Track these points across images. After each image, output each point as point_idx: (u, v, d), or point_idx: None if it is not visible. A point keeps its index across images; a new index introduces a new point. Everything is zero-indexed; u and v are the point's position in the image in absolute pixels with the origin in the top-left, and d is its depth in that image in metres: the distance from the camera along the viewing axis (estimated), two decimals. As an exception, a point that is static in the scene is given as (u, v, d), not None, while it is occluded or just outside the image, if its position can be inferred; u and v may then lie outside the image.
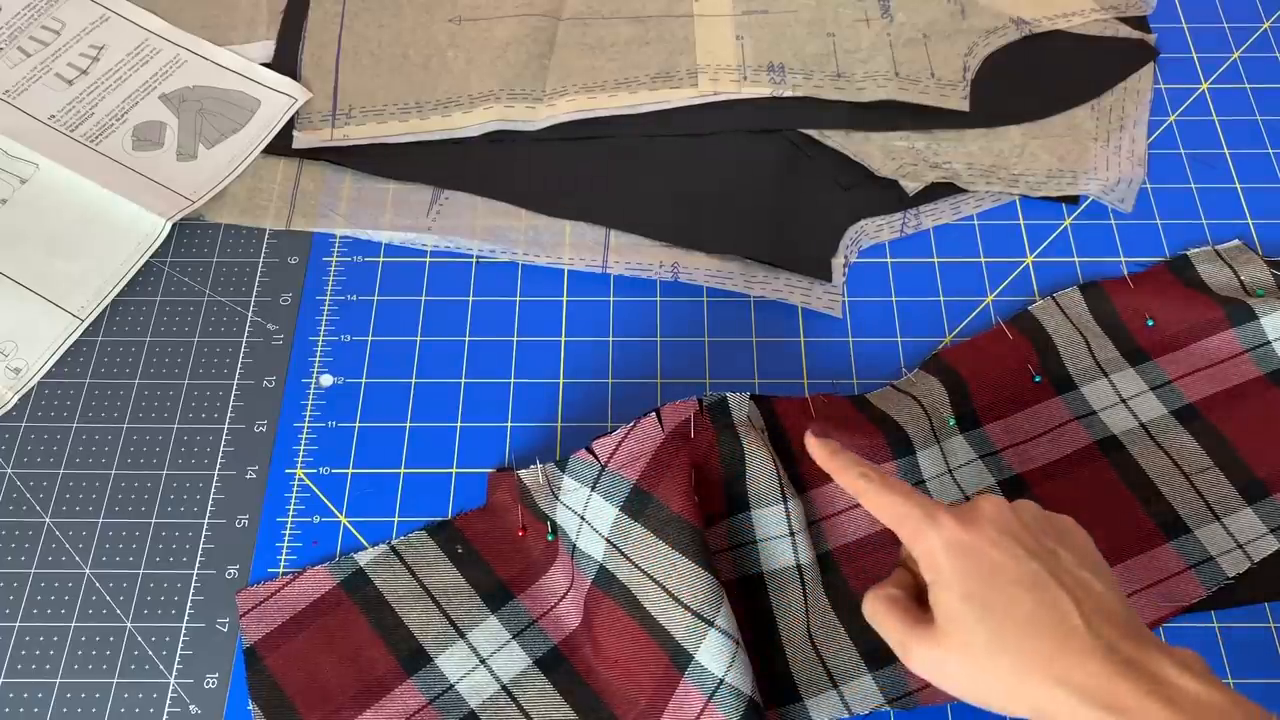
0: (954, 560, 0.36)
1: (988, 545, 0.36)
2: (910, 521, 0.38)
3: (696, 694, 0.41)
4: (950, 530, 0.37)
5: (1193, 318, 0.53)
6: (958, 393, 0.51)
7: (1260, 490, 0.49)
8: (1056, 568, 0.36)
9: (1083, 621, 0.34)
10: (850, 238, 0.56)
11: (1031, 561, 0.36)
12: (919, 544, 0.37)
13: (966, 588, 0.35)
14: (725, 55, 0.62)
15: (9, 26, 0.64)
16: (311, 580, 0.47)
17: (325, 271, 0.56)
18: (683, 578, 0.42)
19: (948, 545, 0.36)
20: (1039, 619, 0.35)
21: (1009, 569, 0.35)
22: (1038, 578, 0.35)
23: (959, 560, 0.36)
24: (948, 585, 0.36)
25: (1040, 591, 0.35)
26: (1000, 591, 0.35)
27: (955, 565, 0.36)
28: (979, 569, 0.36)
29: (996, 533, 0.36)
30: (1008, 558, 0.36)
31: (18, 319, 0.53)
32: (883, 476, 0.40)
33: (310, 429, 0.51)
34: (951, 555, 0.36)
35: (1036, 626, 0.34)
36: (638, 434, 0.45)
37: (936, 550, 0.37)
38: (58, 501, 0.50)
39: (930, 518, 0.37)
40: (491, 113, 0.60)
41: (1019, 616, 0.35)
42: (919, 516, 0.37)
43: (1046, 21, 0.64)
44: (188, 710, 0.45)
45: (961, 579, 0.36)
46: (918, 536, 0.37)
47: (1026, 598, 0.35)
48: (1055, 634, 0.34)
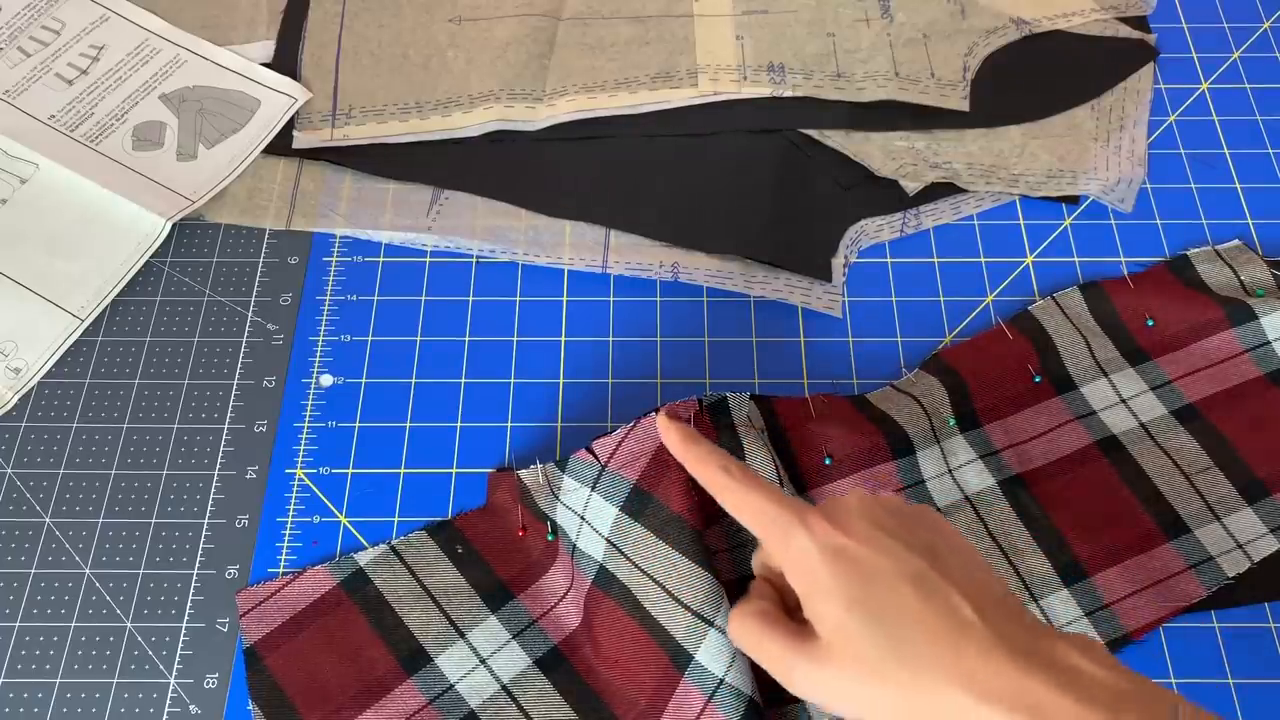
0: (830, 564, 0.33)
1: (865, 546, 0.33)
2: (777, 525, 0.34)
3: (697, 694, 0.41)
4: (823, 533, 0.33)
5: (1193, 318, 0.53)
6: (958, 393, 0.51)
7: (1260, 490, 0.49)
8: (937, 561, 0.33)
9: (976, 615, 0.31)
10: (850, 238, 0.56)
11: (912, 556, 0.33)
12: (788, 548, 0.34)
13: (849, 594, 0.32)
14: (725, 55, 0.62)
15: (9, 26, 0.64)
16: (311, 580, 0.47)
17: (325, 271, 0.56)
18: (683, 578, 0.42)
19: (821, 548, 0.33)
20: (931, 619, 0.31)
21: (890, 568, 0.32)
22: (922, 574, 0.32)
23: (835, 564, 0.33)
24: (828, 593, 0.32)
25: (927, 588, 0.32)
26: (885, 594, 0.32)
27: (832, 570, 0.33)
28: (859, 572, 0.32)
29: (870, 529, 0.33)
30: (886, 556, 0.33)
31: (18, 319, 0.53)
32: (744, 471, 0.37)
33: (310, 429, 0.51)
34: (827, 559, 0.33)
35: (929, 628, 0.31)
36: (638, 434, 0.45)
37: (809, 554, 0.33)
38: (58, 501, 0.50)
39: (800, 520, 0.34)
40: (491, 113, 0.60)
41: (909, 619, 0.31)
42: (787, 519, 0.34)
43: (1046, 21, 0.64)
44: (188, 710, 0.45)
45: (842, 585, 0.32)
46: (786, 540, 0.34)
47: (914, 597, 0.32)
48: (951, 634, 0.31)
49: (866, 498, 0.35)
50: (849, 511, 0.34)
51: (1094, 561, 0.47)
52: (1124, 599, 0.46)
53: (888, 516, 0.34)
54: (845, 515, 0.34)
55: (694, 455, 0.38)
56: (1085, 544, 0.47)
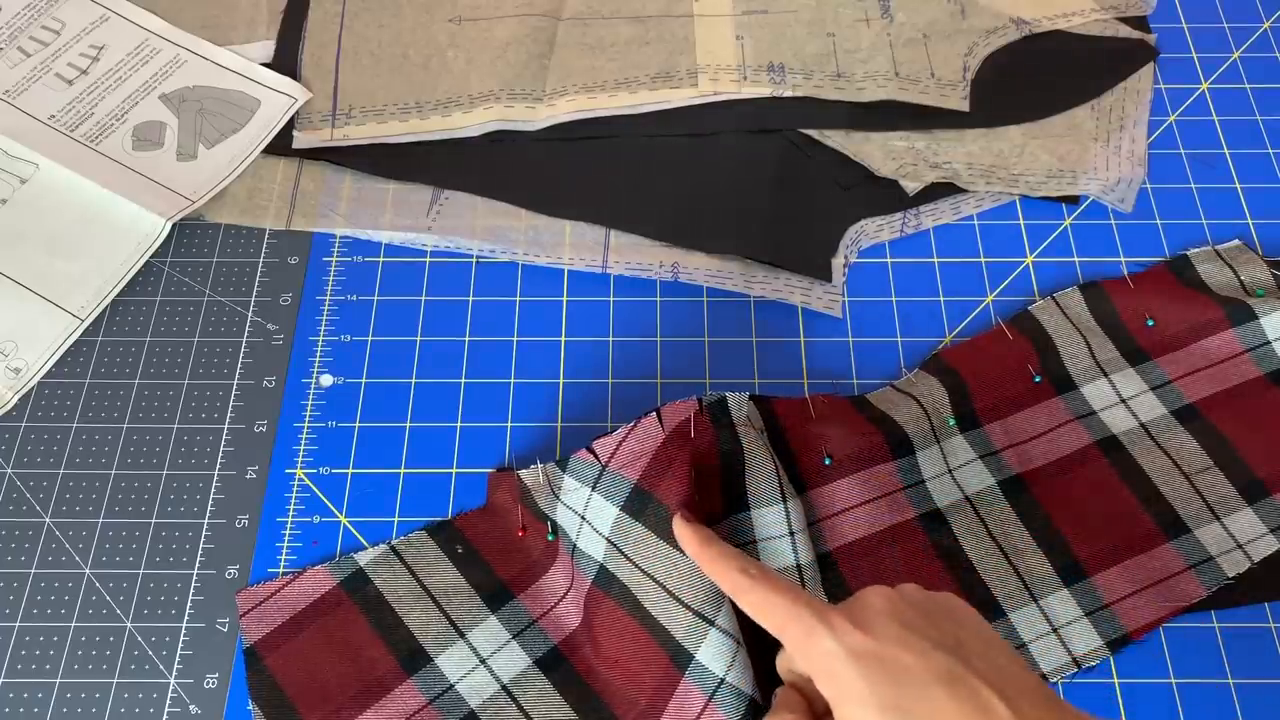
0: (860, 669, 0.32)
1: (892, 646, 0.33)
2: (799, 626, 0.34)
3: (697, 693, 0.41)
4: (848, 635, 0.33)
5: (1193, 318, 0.53)
6: (958, 393, 0.51)
7: (1260, 490, 0.49)
8: (965, 655, 0.33)
9: (1008, 709, 0.31)
10: (850, 238, 0.56)
11: (939, 654, 0.33)
12: (812, 652, 0.34)
13: (880, 700, 0.32)
14: (725, 55, 0.62)
15: (9, 26, 0.64)
16: (311, 580, 0.47)
17: (325, 271, 0.56)
18: (683, 577, 0.42)
19: (850, 653, 0.33)
20: (963, 717, 0.31)
21: (919, 669, 0.32)
22: (951, 672, 0.32)
23: (865, 669, 0.32)
24: (859, 700, 0.32)
25: (958, 687, 0.32)
26: (917, 697, 0.32)
27: (861, 675, 0.32)
28: (887, 676, 0.32)
29: (896, 629, 0.33)
30: (915, 656, 0.32)
31: (18, 319, 0.53)
32: (764, 572, 0.37)
33: (310, 429, 0.51)
34: (855, 664, 0.33)
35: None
36: (638, 434, 0.45)
37: (836, 659, 0.33)
38: (58, 501, 0.50)
39: (824, 622, 0.34)
40: (491, 113, 0.60)
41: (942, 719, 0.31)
42: (810, 622, 0.34)
43: (1046, 21, 0.64)
44: (188, 710, 0.45)
45: (873, 690, 0.32)
46: (810, 643, 0.34)
47: (946, 699, 0.32)
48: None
49: (890, 595, 0.35)
50: (873, 610, 0.34)
51: (1094, 561, 0.47)
52: (1124, 599, 0.46)
53: (912, 613, 0.34)
54: (869, 615, 0.34)
55: (711, 557, 0.39)
56: (1085, 544, 0.47)
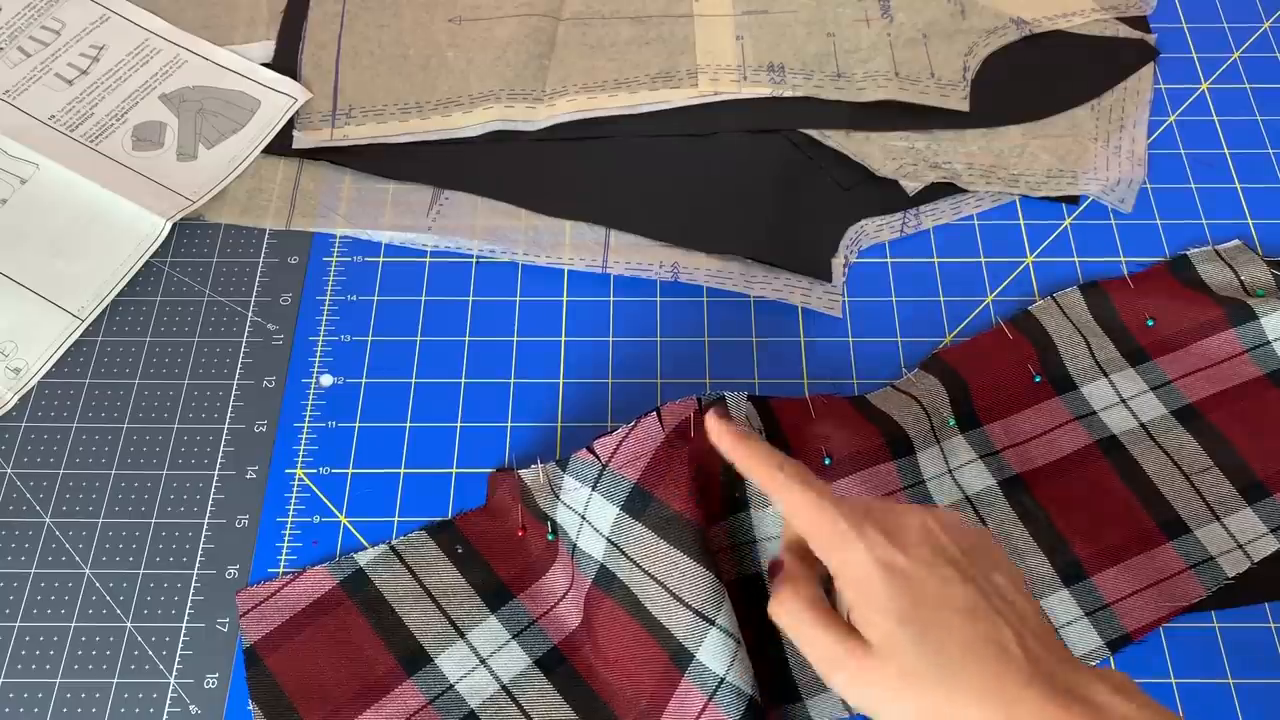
0: (885, 580, 0.34)
1: (921, 568, 0.34)
2: (835, 532, 0.35)
3: (697, 693, 0.41)
4: (881, 548, 0.34)
5: (1193, 318, 0.53)
6: (958, 393, 0.51)
7: (1260, 490, 0.49)
8: (990, 592, 0.34)
9: (1020, 649, 0.33)
10: (850, 238, 0.56)
11: (966, 586, 0.34)
12: (844, 558, 0.35)
13: (902, 611, 0.33)
14: (725, 55, 0.62)
15: (9, 26, 0.64)
16: (311, 580, 0.47)
17: (325, 271, 0.56)
18: (684, 576, 0.42)
19: (878, 564, 0.34)
20: (976, 647, 0.33)
21: (943, 593, 0.34)
22: (974, 604, 0.34)
23: (890, 580, 0.34)
24: (881, 607, 0.34)
25: (977, 618, 0.33)
26: (936, 618, 0.33)
27: (887, 586, 0.34)
28: (913, 592, 0.34)
29: (929, 553, 0.34)
30: (942, 582, 0.34)
31: (18, 319, 0.53)
32: (799, 471, 0.37)
33: (310, 429, 0.51)
34: (883, 575, 0.34)
35: (974, 655, 0.33)
36: (638, 433, 0.45)
37: (865, 566, 0.34)
38: (58, 501, 0.50)
39: (858, 530, 0.35)
40: (491, 113, 0.60)
41: (956, 645, 0.33)
42: (844, 528, 0.35)
43: (1046, 21, 0.64)
44: (188, 710, 0.45)
45: (896, 601, 0.33)
46: (842, 548, 0.35)
47: (963, 625, 0.33)
48: (993, 663, 0.32)
49: (928, 519, 0.36)
50: (910, 530, 0.35)
51: (1094, 561, 0.47)
52: (1124, 599, 0.46)
53: (947, 540, 0.35)
54: (905, 533, 0.35)
55: (747, 451, 0.38)
56: (1085, 544, 0.47)
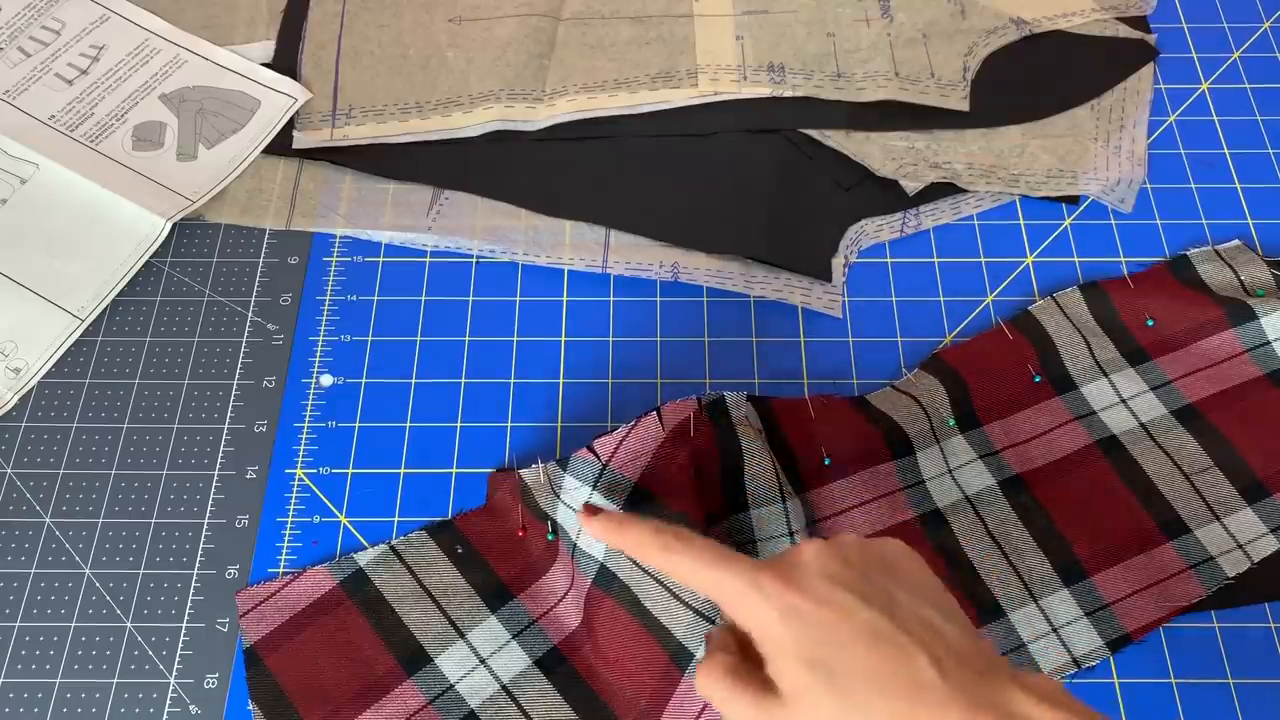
0: (787, 628, 0.33)
1: (818, 606, 0.33)
2: (732, 593, 0.34)
3: (698, 692, 0.41)
4: (778, 595, 0.33)
5: (1193, 318, 0.53)
6: (958, 393, 0.51)
7: (1260, 490, 0.49)
8: (896, 612, 0.33)
9: (934, 669, 0.31)
10: (850, 238, 0.56)
11: (868, 610, 0.33)
12: (747, 615, 0.34)
13: (805, 654, 0.32)
14: (725, 55, 0.62)
15: (9, 26, 0.64)
16: (311, 580, 0.47)
17: (325, 271, 0.56)
18: (683, 577, 0.42)
19: (778, 612, 0.33)
20: (886, 675, 0.31)
21: (845, 626, 0.32)
22: (877, 628, 0.32)
23: (790, 624, 0.33)
24: (786, 654, 0.33)
25: (883, 644, 0.32)
26: (841, 651, 0.32)
27: (788, 630, 0.33)
28: (814, 632, 0.32)
29: (825, 586, 0.33)
30: (840, 614, 0.33)
31: (18, 319, 0.53)
32: (687, 542, 0.36)
33: (310, 429, 0.51)
34: (784, 623, 0.33)
35: (885, 684, 0.31)
36: (638, 433, 0.45)
37: (765, 616, 0.33)
38: (58, 501, 0.50)
39: (753, 583, 0.34)
40: (491, 113, 0.60)
41: (865, 676, 0.32)
42: (741, 587, 0.34)
43: (1046, 21, 0.64)
44: (188, 710, 0.45)
45: (799, 645, 0.32)
46: (743, 607, 0.34)
47: (870, 655, 0.32)
48: (907, 689, 0.31)
49: (822, 549, 0.35)
50: (803, 567, 0.34)
51: (1094, 561, 0.47)
52: (1124, 599, 0.46)
53: (843, 568, 0.34)
54: (799, 572, 0.34)
55: (631, 538, 0.38)
56: (1085, 544, 0.47)
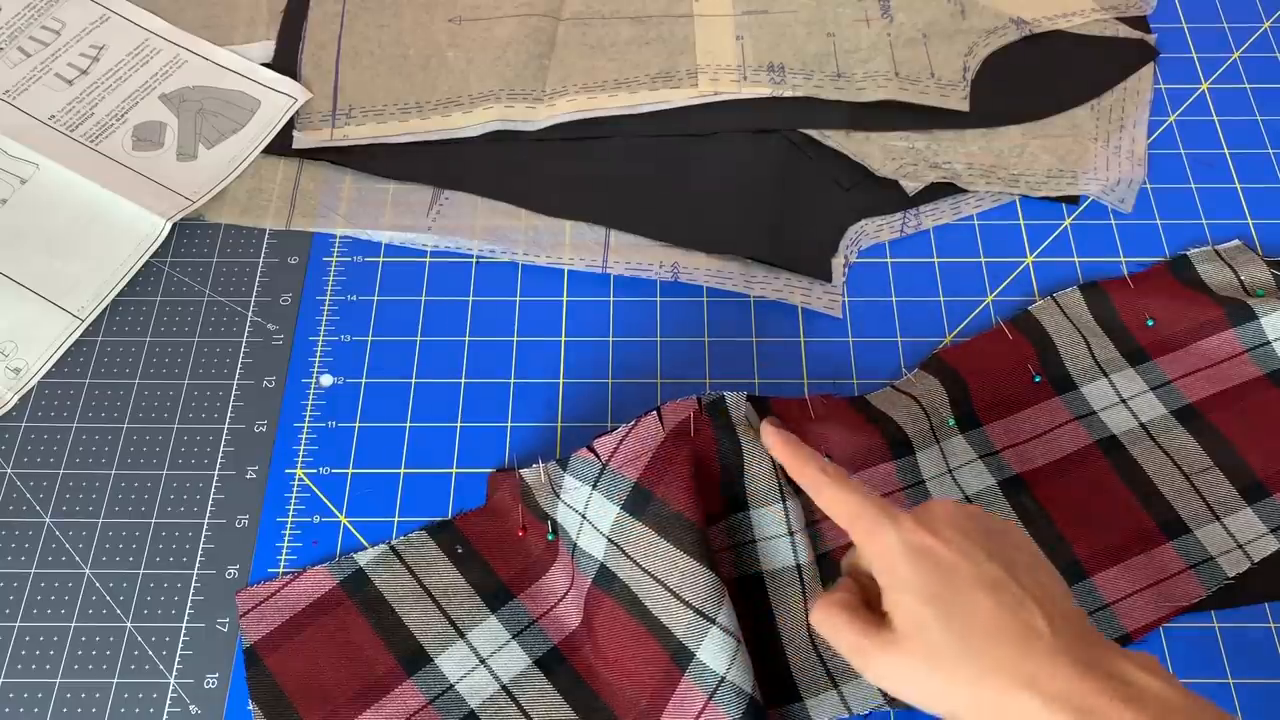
0: (913, 561, 0.35)
1: (947, 547, 0.35)
2: (866, 519, 0.37)
3: (697, 692, 0.41)
4: (909, 530, 0.36)
5: (1193, 318, 0.53)
6: (957, 393, 0.51)
7: (1260, 490, 0.49)
8: (1015, 570, 0.35)
9: (1046, 624, 0.33)
10: (850, 238, 0.56)
11: (991, 564, 0.35)
12: (875, 543, 0.36)
13: (928, 590, 0.34)
14: (725, 55, 0.62)
15: (9, 26, 0.64)
16: (311, 580, 0.47)
17: (325, 271, 0.56)
18: (684, 575, 0.42)
19: (906, 546, 0.35)
20: (1002, 622, 0.33)
21: (969, 571, 0.35)
22: (999, 580, 0.34)
23: (918, 562, 0.35)
24: (908, 587, 0.35)
25: (1002, 594, 0.34)
26: (962, 594, 0.34)
27: (915, 567, 0.35)
28: (939, 571, 0.35)
29: (955, 534, 0.36)
30: (967, 560, 0.35)
31: (18, 319, 0.53)
32: (840, 472, 0.39)
33: (310, 429, 0.51)
34: (911, 556, 0.35)
35: (1000, 630, 0.33)
36: (639, 433, 0.45)
37: (895, 550, 0.36)
38: (58, 501, 0.50)
39: (889, 516, 0.36)
40: (491, 113, 0.60)
41: (982, 620, 0.34)
42: (875, 514, 0.37)
43: (1046, 21, 0.64)
44: (188, 710, 0.45)
45: (923, 581, 0.35)
46: (874, 535, 0.36)
47: (988, 601, 0.34)
48: (1019, 638, 0.33)
49: (955, 507, 0.37)
50: (938, 516, 0.36)
51: (1094, 561, 0.47)
52: (1124, 599, 0.46)
53: (974, 526, 0.36)
54: (934, 519, 0.36)
55: (793, 455, 0.41)
56: (1085, 544, 0.47)
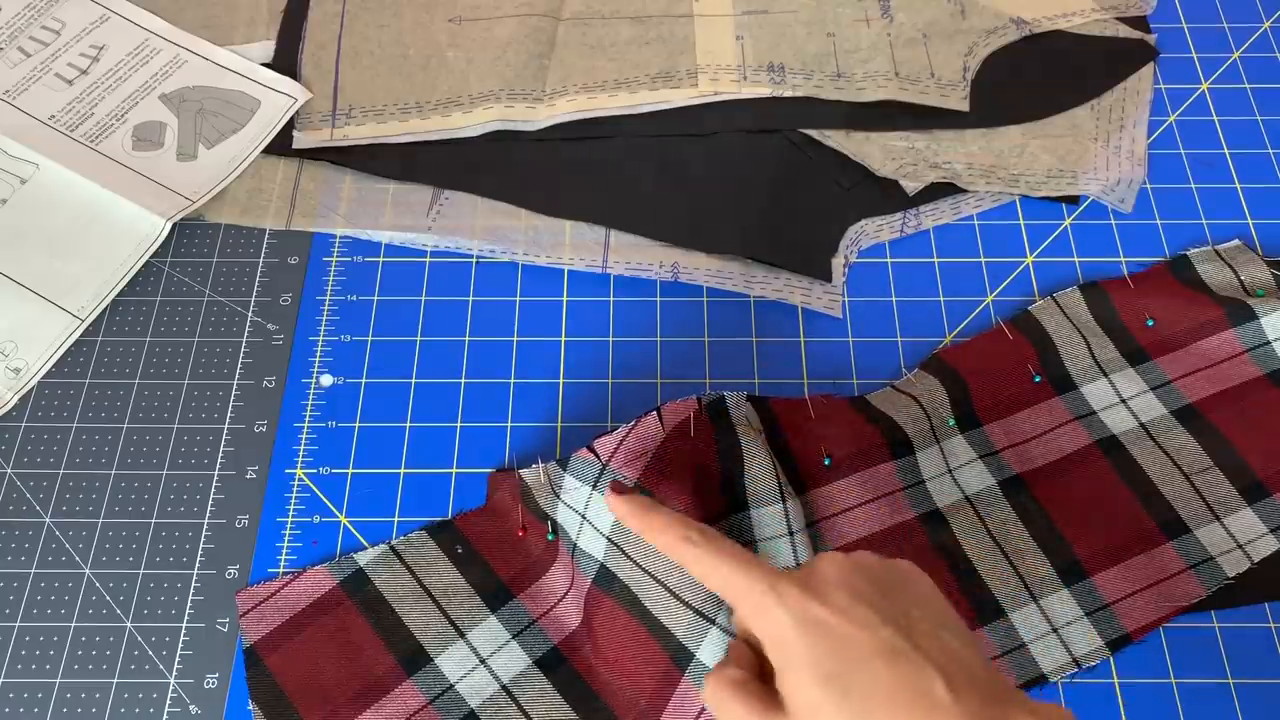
0: (804, 638, 0.32)
1: (840, 618, 0.32)
2: (750, 595, 0.34)
3: (697, 692, 0.41)
4: (796, 603, 0.33)
5: (1193, 318, 0.53)
6: (957, 393, 0.51)
7: (1260, 490, 0.49)
8: (913, 631, 0.32)
9: (947, 692, 0.31)
10: (850, 238, 0.56)
11: (887, 629, 0.32)
12: (762, 621, 0.33)
13: (822, 669, 0.32)
14: (725, 55, 0.62)
15: (9, 26, 0.64)
16: (311, 580, 0.47)
17: (325, 271, 0.56)
18: (684, 576, 0.42)
19: (796, 620, 0.32)
20: (901, 694, 0.31)
21: (865, 642, 0.32)
22: (896, 649, 0.32)
23: (809, 638, 0.32)
24: (800, 668, 0.32)
25: (900, 664, 0.31)
26: (858, 668, 0.31)
27: (806, 644, 0.32)
28: (832, 646, 0.32)
29: (846, 599, 0.33)
30: (862, 630, 0.32)
31: (18, 319, 0.53)
32: (710, 538, 0.36)
33: (310, 429, 0.51)
34: (801, 631, 0.32)
35: (898, 704, 0.31)
36: (639, 433, 0.45)
37: (784, 626, 0.33)
38: (58, 501, 0.50)
39: (773, 590, 0.33)
40: (491, 113, 0.60)
41: (880, 695, 0.31)
42: (760, 590, 0.34)
43: (1046, 21, 0.64)
44: (188, 710, 0.45)
45: (816, 658, 0.32)
46: (760, 612, 0.33)
47: (886, 672, 0.31)
48: (921, 710, 0.31)
49: (843, 563, 0.35)
50: (825, 579, 0.34)
51: (1094, 561, 0.47)
52: (1124, 599, 0.46)
53: (865, 583, 0.34)
54: (821, 584, 0.34)
55: (653, 523, 0.38)
56: (1085, 544, 0.47)
